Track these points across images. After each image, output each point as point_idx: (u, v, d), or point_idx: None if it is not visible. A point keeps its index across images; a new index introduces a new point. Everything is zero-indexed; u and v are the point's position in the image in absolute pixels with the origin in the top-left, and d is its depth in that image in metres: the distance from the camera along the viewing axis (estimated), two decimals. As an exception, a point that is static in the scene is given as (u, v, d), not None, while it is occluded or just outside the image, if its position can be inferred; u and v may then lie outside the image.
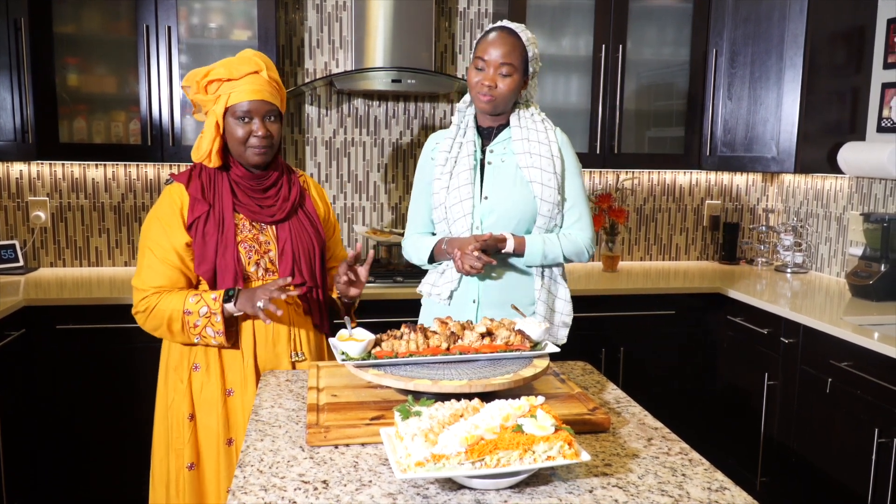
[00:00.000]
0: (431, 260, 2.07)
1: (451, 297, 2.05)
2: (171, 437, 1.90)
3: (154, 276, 1.84)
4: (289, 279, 1.78)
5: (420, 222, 2.14)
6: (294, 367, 1.94)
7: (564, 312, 2.08)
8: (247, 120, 1.85)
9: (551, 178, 1.97)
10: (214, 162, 1.88)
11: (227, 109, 1.85)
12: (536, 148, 1.98)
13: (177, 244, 1.85)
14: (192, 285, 1.89)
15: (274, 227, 1.92)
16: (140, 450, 2.86)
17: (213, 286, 1.86)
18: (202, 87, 1.87)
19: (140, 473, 2.87)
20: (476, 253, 1.88)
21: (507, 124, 2.05)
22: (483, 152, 2.05)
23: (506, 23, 2.00)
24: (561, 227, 2.05)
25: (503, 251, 1.97)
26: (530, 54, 1.97)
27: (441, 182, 2.03)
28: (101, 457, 2.85)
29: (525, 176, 1.98)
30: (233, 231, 1.86)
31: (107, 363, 2.80)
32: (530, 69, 1.98)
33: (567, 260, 2.02)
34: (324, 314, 2.00)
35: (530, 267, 2.02)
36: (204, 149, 1.88)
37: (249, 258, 1.88)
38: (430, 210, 2.10)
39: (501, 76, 1.94)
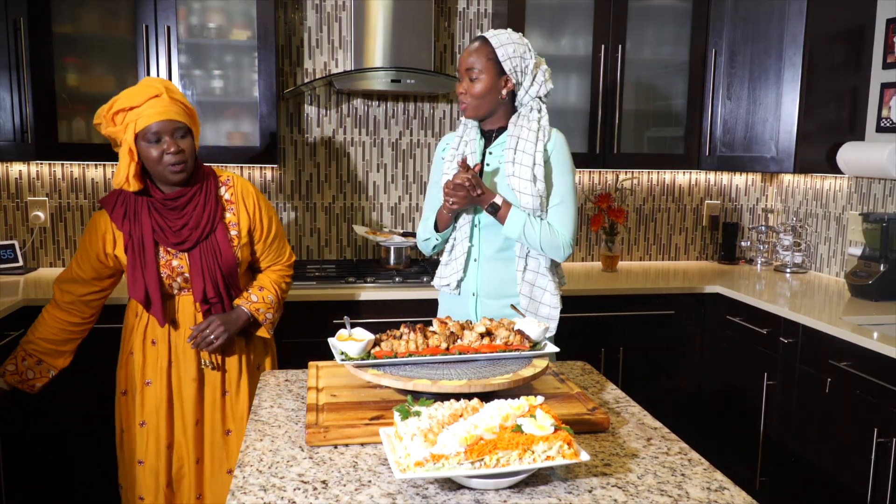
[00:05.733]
0: (437, 229, 2.12)
1: (458, 286, 2.12)
2: (117, 406, 2.25)
3: (69, 282, 2.15)
4: None
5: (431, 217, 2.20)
6: (201, 372, 2.16)
7: (551, 305, 2.08)
8: (157, 140, 1.96)
9: (527, 186, 1.99)
10: (133, 186, 2.00)
11: (136, 135, 1.96)
12: (520, 157, 2.00)
13: (94, 265, 2.11)
14: (100, 296, 2.21)
15: (185, 252, 2.08)
16: (139, 450, 2.86)
17: (146, 306, 2.09)
18: (110, 118, 1.99)
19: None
20: (458, 180, 1.94)
21: (506, 127, 2.09)
22: (485, 154, 2.12)
23: (484, 32, 2.07)
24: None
25: (489, 202, 1.98)
26: (500, 55, 2.00)
27: (448, 176, 2.09)
28: (100, 456, 2.85)
29: (509, 183, 2.02)
30: (153, 257, 2.05)
31: (105, 363, 2.79)
32: (507, 68, 2.01)
33: (543, 250, 2.02)
34: None
35: (510, 239, 2.05)
36: (122, 175, 2.00)
37: (164, 279, 2.09)
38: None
39: (470, 81, 2.03)
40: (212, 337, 2.08)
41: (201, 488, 2.19)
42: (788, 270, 3.51)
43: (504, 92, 2.05)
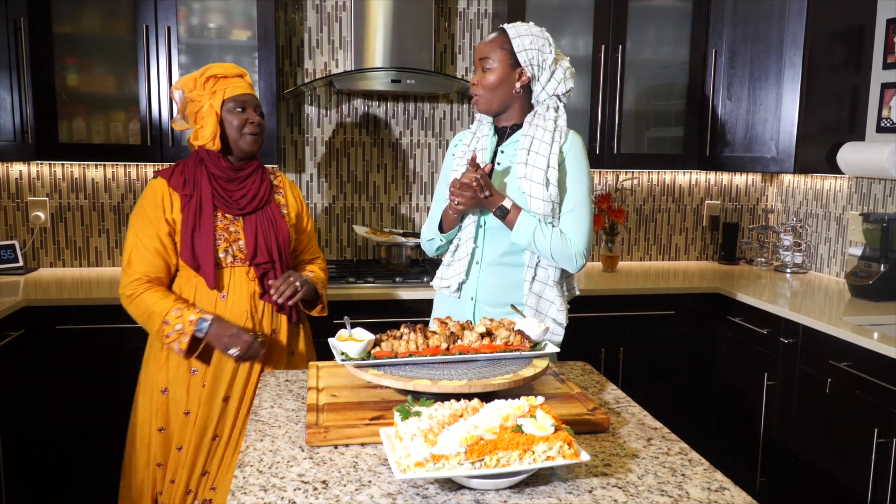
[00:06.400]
0: (442, 230, 2.04)
1: (459, 289, 2.04)
2: (146, 405, 2.14)
3: (140, 262, 2.07)
4: (260, 338, 2.05)
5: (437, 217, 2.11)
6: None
7: (558, 320, 1.99)
8: (240, 110, 2.12)
9: (539, 190, 1.89)
10: (217, 145, 2.10)
11: (224, 101, 2.11)
12: (533, 158, 1.91)
13: (160, 233, 2.07)
14: (172, 273, 2.13)
15: (242, 218, 2.14)
16: (139, 450, 2.86)
17: (196, 267, 2.06)
18: (201, 83, 2.11)
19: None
20: (465, 179, 1.87)
21: (521, 125, 2.01)
22: (496, 152, 2.03)
23: (504, 24, 2.01)
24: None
25: (497, 205, 1.91)
26: (516, 45, 1.93)
27: (457, 174, 2.02)
28: (100, 457, 2.85)
29: (520, 186, 1.93)
30: (211, 220, 2.08)
31: (106, 364, 2.80)
32: (523, 60, 1.94)
33: (553, 259, 1.93)
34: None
35: (517, 244, 1.95)
36: (208, 133, 2.09)
37: (219, 245, 2.09)
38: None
39: (482, 72, 1.97)
40: (297, 284, 2.09)
41: (209, 465, 2.13)
42: (789, 270, 3.51)
43: (518, 85, 1.95)
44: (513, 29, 1.96)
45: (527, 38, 1.95)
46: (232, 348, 2.00)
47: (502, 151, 2.02)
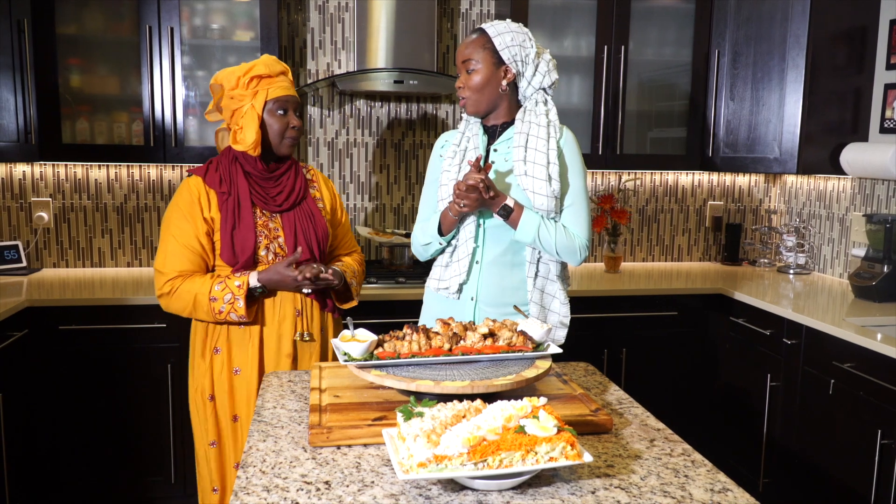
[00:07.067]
0: (441, 233, 2.01)
1: (459, 290, 2.02)
2: (198, 417, 2.10)
3: (177, 261, 2.01)
4: (299, 250, 2.01)
5: (429, 217, 2.09)
6: (296, 345, 2.09)
7: (561, 313, 2.01)
8: (282, 112, 2.06)
9: (542, 186, 1.90)
10: (258, 150, 2.05)
11: (267, 102, 2.05)
12: (532, 155, 1.91)
13: (198, 232, 2.01)
14: (209, 269, 2.06)
15: (280, 215, 2.09)
16: (140, 450, 2.86)
17: (233, 262, 2.01)
18: (244, 82, 2.04)
19: (140, 473, 2.88)
20: (471, 181, 1.84)
21: (512, 122, 2.01)
22: (488, 151, 2.02)
23: (482, 24, 2.00)
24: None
25: (500, 205, 1.89)
26: (498, 43, 1.92)
27: (449, 174, 2.00)
28: (101, 457, 2.85)
29: (520, 183, 1.93)
30: (251, 215, 2.03)
31: (109, 364, 2.80)
32: (506, 57, 1.93)
33: (558, 254, 1.94)
34: (325, 294, 2.15)
35: (520, 242, 1.95)
36: (249, 139, 2.03)
37: (259, 243, 2.04)
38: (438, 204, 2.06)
39: (467, 73, 1.96)
40: (322, 267, 2.03)
41: None
42: (792, 271, 3.51)
43: (504, 83, 1.95)
44: (492, 28, 1.95)
45: (507, 35, 1.94)
46: (304, 288, 2.00)
47: (495, 150, 2.01)
